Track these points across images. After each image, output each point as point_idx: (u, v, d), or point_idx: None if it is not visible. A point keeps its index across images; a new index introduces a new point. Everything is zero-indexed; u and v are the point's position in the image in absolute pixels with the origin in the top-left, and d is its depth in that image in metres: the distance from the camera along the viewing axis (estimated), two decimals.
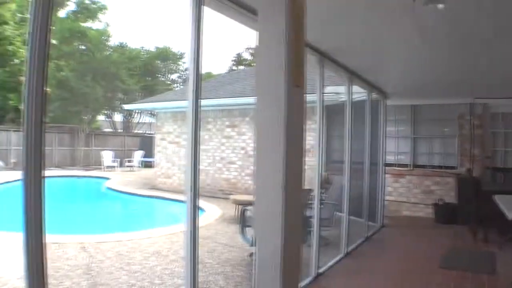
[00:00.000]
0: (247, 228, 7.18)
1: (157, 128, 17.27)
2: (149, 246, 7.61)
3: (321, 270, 6.01)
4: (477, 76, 7.75)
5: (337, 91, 9.75)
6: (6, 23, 22.97)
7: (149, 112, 28.29)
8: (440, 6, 3.61)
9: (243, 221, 7.30)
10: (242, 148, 14.35)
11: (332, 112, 9.77)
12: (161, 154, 16.92)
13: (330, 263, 6.45)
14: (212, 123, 15.00)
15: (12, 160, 23.49)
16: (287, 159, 2.06)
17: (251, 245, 6.70)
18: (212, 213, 11.09)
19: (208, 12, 3.38)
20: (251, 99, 9.83)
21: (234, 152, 14.55)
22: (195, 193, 3.25)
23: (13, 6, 24.12)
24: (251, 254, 7.04)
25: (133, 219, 13.13)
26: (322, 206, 6.40)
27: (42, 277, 2.15)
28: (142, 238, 8.14)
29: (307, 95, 2.49)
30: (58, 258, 6.56)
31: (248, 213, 7.35)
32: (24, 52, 23.90)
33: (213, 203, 12.23)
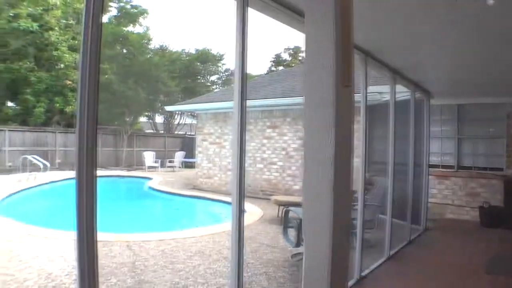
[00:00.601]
0: (289, 229, 7.16)
1: (198, 129, 17.48)
2: (192, 246, 7.69)
3: (364, 273, 5.93)
4: None
5: (380, 90, 9.62)
6: (51, 29, 23.66)
7: (190, 113, 28.59)
8: (490, 1, 3.50)
9: (285, 222, 7.27)
10: (283, 149, 14.33)
11: (374, 112, 9.64)
12: (202, 155, 17.09)
13: (373, 266, 6.36)
14: (253, 124, 15.03)
15: (57, 161, 24.20)
16: (336, 160, 2.04)
17: (294, 246, 6.69)
18: (253, 213, 11.11)
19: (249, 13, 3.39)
20: (292, 100, 9.81)
21: (274, 153, 14.55)
22: (241, 194, 3.26)
23: (58, 13, 24.82)
24: (293, 255, 7.03)
25: (175, 218, 13.29)
26: (365, 208, 6.32)
27: (93, 275, 2.18)
28: (185, 238, 8.22)
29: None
30: (105, 256, 6.69)
31: (290, 214, 7.33)
32: (68, 56, 24.72)
33: (254, 204, 12.25)
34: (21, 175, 18.29)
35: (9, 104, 26.25)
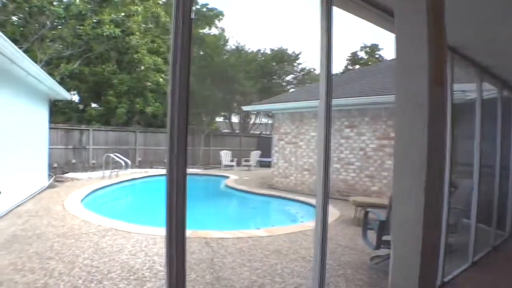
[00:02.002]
0: (368, 231, 7.03)
1: (275, 128, 17.54)
2: (269, 244, 7.72)
3: (446, 279, 5.71)
4: None
5: (463, 88, 9.23)
6: (132, 34, 24.63)
7: (266, 113, 28.77)
8: None
9: (364, 224, 7.14)
10: (361, 149, 14.09)
11: (456, 111, 9.25)
12: (278, 154, 17.14)
13: (455, 272, 6.11)
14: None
15: (138, 159, 25.16)
16: (429, 160, 1.98)
17: (373, 249, 6.55)
18: (330, 214, 10.97)
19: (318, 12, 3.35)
20: (371, 99, 9.61)
21: (352, 153, 14.33)
22: (326, 195, 3.24)
23: (138, 18, 25.78)
24: (372, 258, 6.89)
25: (251, 216, 13.43)
26: (449, 211, 6.08)
27: (182, 270, 2.24)
28: (262, 236, 8.27)
29: None
30: None
31: (370, 216, 7.20)
32: (148, 59, 25.64)
33: (331, 204, 12.01)
34: (104, 172, 19.18)
35: (93, 105, 27.56)
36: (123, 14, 24.48)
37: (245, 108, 21.14)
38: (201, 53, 29.27)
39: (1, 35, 7.99)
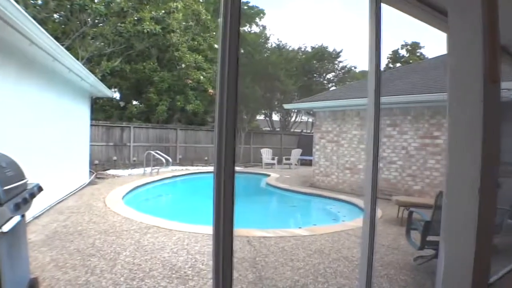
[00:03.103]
0: (412, 231, 6.93)
1: (316, 127, 17.46)
2: (311, 244, 7.67)
3: (491, 280, 5.56)
4: None
5: (508, 87, 8.95)
6: (173, 31, 24.83)
7: (308, 111, 28.61)
8: None
9: (408, 224, 7.04)
10: (403, 148, 13.87)
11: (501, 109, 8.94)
12: (320, 153, 17.05)
13: (500, 273, 5.94)
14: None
15: (179, 156, 25.41)
16: (483, 159, 1.93)
17: (418, 249, 6.46)
18: None
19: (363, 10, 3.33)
20: (414, 97, 9.43)
21: (394, 151, 14.11)
22: (374, 194, 3.20)
23: (179, 16, 26.01)
24: (416, 258, 6.79)
25: (292, 215, 13.41)
26: None
27: (230, 269, 2.20)
28: (305, 235, 8.24)
29: None
30: None
31: (414, 216, 7.10)
32: (189, 57, 25.84)
33: None
34: (144, 170, 19.37)
35: (134, 102, 27.89)
36: (163, 11, 24.71)
37: (286, 106, 21.08)
38: (242, 51, 29.33)
39: (45, 32, 8.09)
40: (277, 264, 6.44)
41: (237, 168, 16.68)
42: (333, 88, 33.44)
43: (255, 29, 33.84)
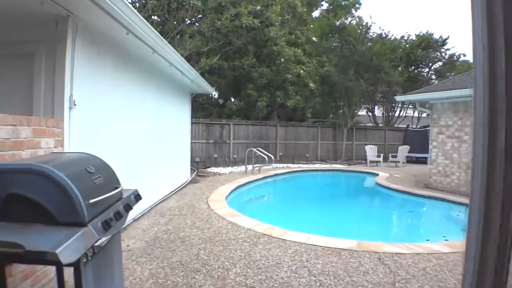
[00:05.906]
0: None
1: (433, 121, 15.46)
2: (457, 265, 6.01)
3: None
4: None
5: None
6: (271, 24, 23.97)
7: (423, 103, 26.49)
8: None
9: None
10: None
11: None
12: (437, 150, 15.11)
13: None
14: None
15: (279, 153, 24.65)
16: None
17: None
18: None
19: None
20: None
21: None
22: None
23: (277, 8, 25.12)
24: None
25: (414, 223, 11.75)
26: None
27: None
28: (446, 253, 6.59)
29: None
30: (355, 271, 5.63)
31: None
32: (288, 51, 24.83)
33: None
34: (246, 167, 18.94)
35: (232, 99, 27.61)
36: (260, 5, 23.90)
37: (398, 98, 19.11)
38: (342, 42, 27.88)
39: (161, 37, 7.80)
40: None
41: (340, 166, 15.39)
42: (441, 78, 30.60)
43: (354, 19, 32.07)
